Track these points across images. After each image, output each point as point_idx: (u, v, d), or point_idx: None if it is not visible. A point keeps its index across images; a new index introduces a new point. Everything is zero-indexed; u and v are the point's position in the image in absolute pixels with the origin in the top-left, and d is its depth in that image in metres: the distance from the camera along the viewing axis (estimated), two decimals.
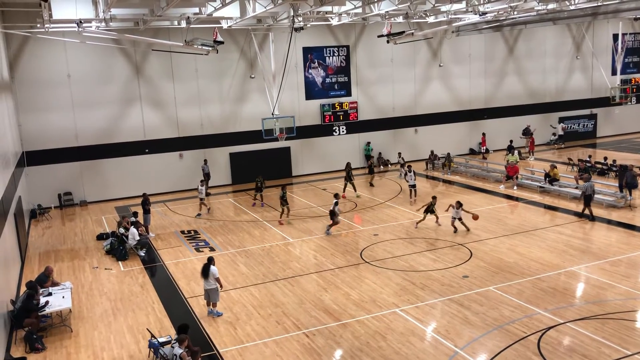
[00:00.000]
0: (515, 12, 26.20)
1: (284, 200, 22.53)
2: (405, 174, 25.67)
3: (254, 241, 20.46)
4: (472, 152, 36.39)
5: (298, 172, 32.21)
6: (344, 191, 26.54)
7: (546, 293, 14.53)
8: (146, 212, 22.00)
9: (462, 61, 35.42)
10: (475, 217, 20.08)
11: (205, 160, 29.11)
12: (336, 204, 20.95)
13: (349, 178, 26.56)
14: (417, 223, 20.87)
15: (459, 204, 20.07)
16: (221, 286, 14.43)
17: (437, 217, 20.93)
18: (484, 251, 18.01)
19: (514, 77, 37.17)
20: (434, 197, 21.10)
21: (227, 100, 30.12)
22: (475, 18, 26.28)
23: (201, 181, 24.96)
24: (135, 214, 21.21)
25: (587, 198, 21.23)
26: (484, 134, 35.72)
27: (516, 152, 30.89)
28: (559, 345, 11.84)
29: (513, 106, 37.23)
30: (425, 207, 20.90)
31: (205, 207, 24.56)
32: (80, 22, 19.03)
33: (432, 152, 32.73)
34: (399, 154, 32.57)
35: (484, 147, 35.50)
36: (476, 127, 36.33)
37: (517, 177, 26.86)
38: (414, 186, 25.12)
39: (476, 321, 13.12)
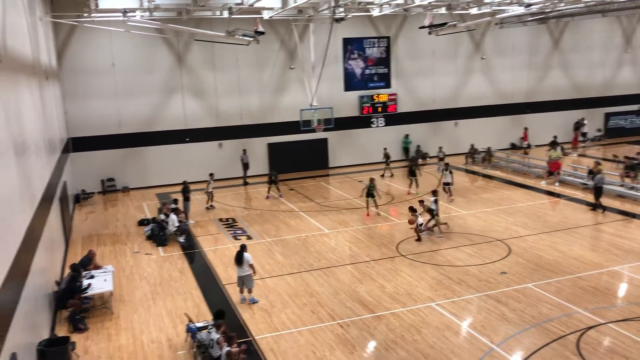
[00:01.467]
0: (562, 4, 25.48)
1: (370, 194, 22.05)
2: (443, 171, 24.50)
3: (290, 231, 20.60)
4: (513, 146, 35.70)
5: (335, 163, 32.20)
6: (409, 187, 25.94)
7: (587, 292, 14.20)
8: (186, 199, 22.38)
9: (505, 54, 34.71)
10: (411, 222, 19.13)
11: (245, 150, 29.35)
12: (435, 201, 19.48)
13: (412, 174, 25.68)
14: (431, 228, 19.73)
15: (412, 209, 19.21)
16: (254, 272, 14.56)
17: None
18: (523, 248, 17.70)
19: (559, 70, 36.22)
20: (421, 202, 20.16)
21: (267, 90, 30.30)
22: (519, 10, 25.67)
23: (210, 174, 24.56)
24: (175, 201, 21.60)
25: (599, 190, 21.40)
26: (526, 129, 34.98)
27: (559, 147, 30.15)
28: (599, 346, 11.57)
29: (557, 100, 36.32)
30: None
31: (210, 202, 24.36)
32: (125, 11, 19.42)
33: (472, 145, 32.24)
34: (440, 147, 32.15)
35: (526, 142, 34.78)
36: (518, 121, 35.59)
37: (559, 173, 26.24)
38: (447, 184, 23.89)
39: (513, 318, 12.94)
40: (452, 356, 11.40)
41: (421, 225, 19.11)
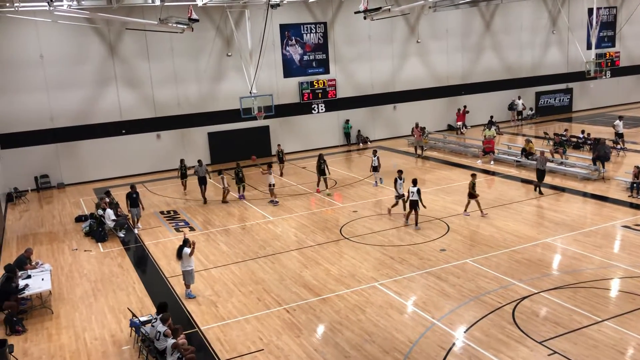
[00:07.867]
0: None
1: (321, 170, 23.08)
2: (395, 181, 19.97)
3: (234, 220, 20.52)
4: (450, 128, 36.64)
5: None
6: (318, 185, 23.79)
7: (521, 264, 14.87)
8: (132, 205, 19.79)
9: (440, 37, 35.44)
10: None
11: (200, 161, 23.77)
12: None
13: (322, 172, 23.31)
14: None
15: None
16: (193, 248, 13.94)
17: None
18: (461, 225, 18.30)
19: (491, 52, 37.32)
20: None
21: (204, 79, 29.84)
22: None
23: (219, 172, 22.83)
24: (107, 193, 20.80)
25: (541, 172, 21.41)
26: (459, 110, 35.90)
27: (494, 127, 31.16)
28: (532, 314, 12.17)
29: (490, 81, 37.46)
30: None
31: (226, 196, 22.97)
32: (51, 0, 18.67)
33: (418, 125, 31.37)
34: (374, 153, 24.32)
35: (460, 123, 35.72)
36: (454, 103, 36.51)
37: (493, 152, 27.17)
38: (401, 197, 19.83)
39: (453, 293, 13.41)
40: (396, 333, 11.74)
41: None
